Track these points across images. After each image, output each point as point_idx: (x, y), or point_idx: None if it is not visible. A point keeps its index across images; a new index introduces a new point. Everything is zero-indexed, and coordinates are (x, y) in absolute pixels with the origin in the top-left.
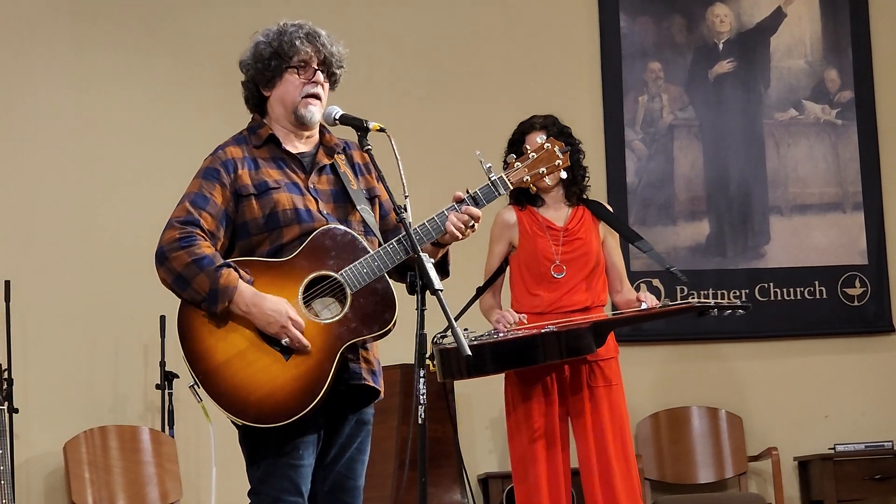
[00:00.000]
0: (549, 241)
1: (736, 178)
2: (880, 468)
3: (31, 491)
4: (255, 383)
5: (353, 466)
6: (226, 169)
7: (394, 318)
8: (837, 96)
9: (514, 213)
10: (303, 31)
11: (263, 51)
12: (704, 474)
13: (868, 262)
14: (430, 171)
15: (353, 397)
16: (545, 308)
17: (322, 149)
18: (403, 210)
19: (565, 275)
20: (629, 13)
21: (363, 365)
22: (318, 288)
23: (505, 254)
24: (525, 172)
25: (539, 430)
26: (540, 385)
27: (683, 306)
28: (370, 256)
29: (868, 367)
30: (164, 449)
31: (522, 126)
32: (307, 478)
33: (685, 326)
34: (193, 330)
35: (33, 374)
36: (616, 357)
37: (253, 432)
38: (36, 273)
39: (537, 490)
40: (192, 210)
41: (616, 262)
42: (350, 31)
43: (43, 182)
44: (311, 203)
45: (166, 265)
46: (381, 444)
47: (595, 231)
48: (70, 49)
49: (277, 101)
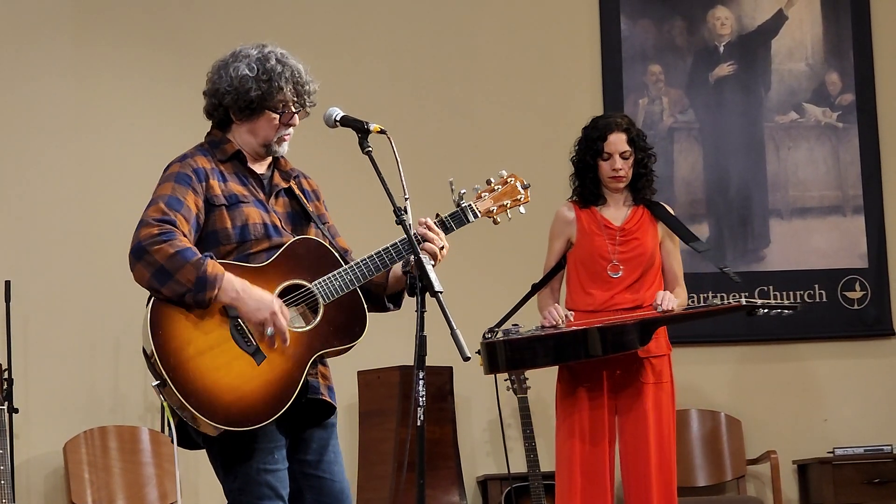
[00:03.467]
0: (606, 241)
1: (736, 181)
2: (879, 472)
3: (31, 491)
4: (225, 386)
5: (333, 469)
6: (197, 176)
7: (363, 332)
8: (838, 99)
9: (574, 210)
10: (287, 72)
11: (249, 88)
12: (703, 477)
13: (868, 265)
14: (430, 173)
15: (310, 412)
16: (598, 307)
17: (278, 172)
18: (403, 212)
19: (621, 274)
20: (630, 16)
21: (321, 380)
22: (292, 296)
23: (563, 251)
24: (491, 203)
25: (585, 423)
26: (590, 380)
27: (733, 305)
28: (343, 270)
29: (868, 371)
30: (163, 450)
31: (602, 124)
32: (285, 481)
33: (684, 330)
34: (165, 326)
35: (33, 374)
36: (668, 355)
37: (224, 443)
38: (36, 273)
39: (572, 484)
40: (168, 210)
41: (672, 265)
42: (350, 33)
43: (44, 181)
44: (276, 220)
45: (145, 259)
46: (380, 445)
47: (652, 232)
48: (71, 47)
49: (247, 131)
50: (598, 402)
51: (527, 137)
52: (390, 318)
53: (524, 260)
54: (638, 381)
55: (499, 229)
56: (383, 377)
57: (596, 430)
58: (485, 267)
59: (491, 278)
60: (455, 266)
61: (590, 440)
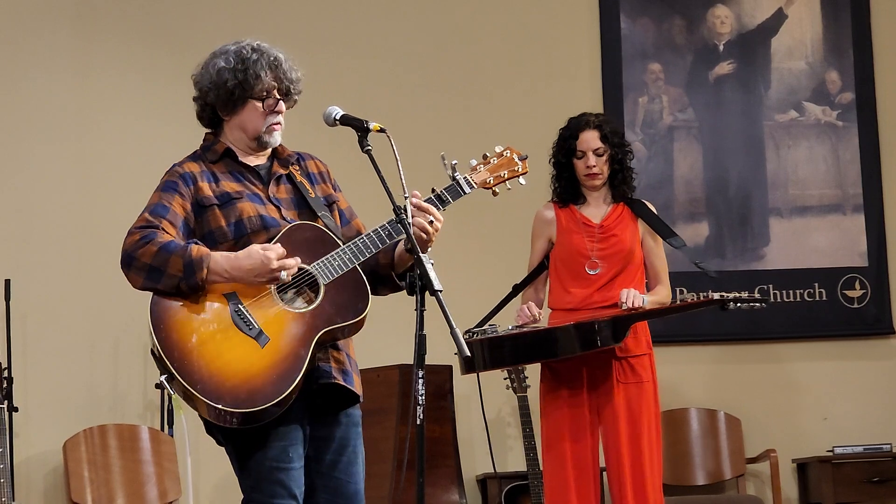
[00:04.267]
0: (585, 238)
1: (735, 180)
2: (879, 471)
3: (31, 489)
4: (230, 371)
5: (351, 471)
6: (184, 181)
7: (367, 307)
8: (838, 98)
9: (553, 209)
10: (265, 59)
11: (226, 80)
12: (702, 476)
13: (868, 264)
14: (429, 172)
15: (332, 398)
16: (577, 304)
17: (277, 161)
18: (403, 211)
19: (600, 271)
20: (630, 14)
21: (333, 364)
22: (292, 280)
23: (545, 250)
24: (488, 175)
25: (567, 421)
26: (571, 380)
27: (705, 301)
28: (342, 249)
29: (867, 370)
30: (163, 448)
31: (574, 123)
32: (299, 480)
33: (684, 328)
34: (167, 321)
35: (33, 372)
36: (649, 354)
37: (239, 440)
38: (36, 272)
39: (563, 482)
40: (152, 218)
41: (654, 262)
42: (349, 31)
43: (43, 180)
44: (273, 211)
45: (134, 265)
46: (379, 444)
47: (631, 228)
48: (71, 45)
49: (237, 127)
50: (579, 399)
51: (526, 135)
52: (389, 316)
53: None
54: (616, 380)
55: (497, 228)
56: (383, 376)
57: (579, 428)
58: (482, 267)
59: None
60: (454, 264)
61: (574, 438)
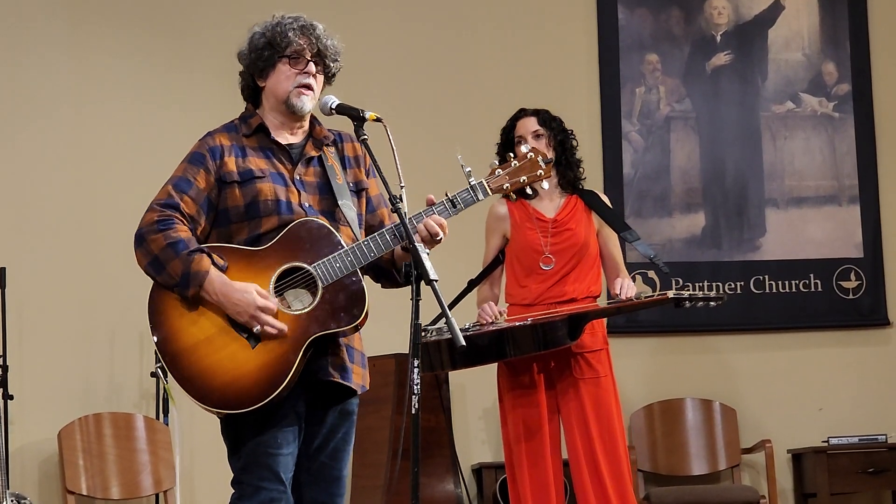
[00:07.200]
0: (538, 233)
1: (732, 171)
2: (874, 461)
3: (26, 477)
4: (220, 369)
5: (337, 456)
6: (212, 155)
7: (363, 313)
8: (834, 89)
9: (506, 205)
10: (298, 23)
11: (258, 41)
12: (698, 466)
13: (864, 255)
14: (425, 162)
15: (332, 391)
16: (533, 300)
17: (311, 141)
18: (399, 200)
19: (554, 266)
20: (627, 5)
21: (333, 361)
22: (290, 279)
23: (500, 247)
24: (506, 180)
25: (526, 420)
26: (529, 376)
27: (659, 298)
28: (344, 251)
29: (862, 361)
30: (158, 437)
31: (512, 116)
32: (288, 466)
33: (680, 318)
34: (164, 312)
35: (29, 361)
36: (606, 349)
37: (233, 423)
38: (32, 260)
39: (522, 480)
40: (174, 193)
41: (612, 252)
42: (347, 24)
43: (39, 168)
44: (293, 195)
45: (144, 247)
46: (375, 433)
47: (585, 221)
48: (67, 31)
49: (270, 92)
50: (537, 398)
51: None
52: (385, 306)
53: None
54: (572, 376)
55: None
56: (378, 365)
57: (537, 426)
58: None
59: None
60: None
61: (534, 436)
